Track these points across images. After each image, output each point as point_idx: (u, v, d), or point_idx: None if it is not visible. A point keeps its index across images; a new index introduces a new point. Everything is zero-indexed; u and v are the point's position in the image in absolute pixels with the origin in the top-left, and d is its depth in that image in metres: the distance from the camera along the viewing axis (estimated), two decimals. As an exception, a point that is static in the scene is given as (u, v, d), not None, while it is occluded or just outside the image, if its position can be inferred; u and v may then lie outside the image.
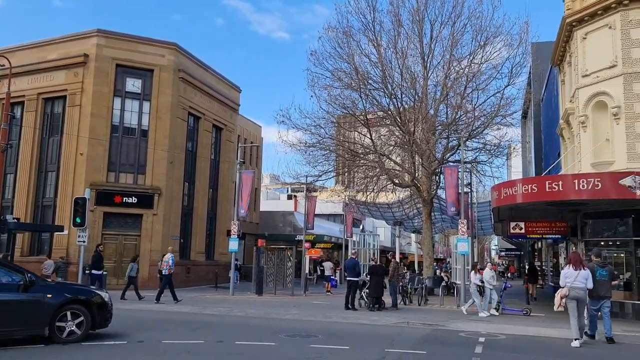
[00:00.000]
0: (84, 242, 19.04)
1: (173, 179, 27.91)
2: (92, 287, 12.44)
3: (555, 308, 12.15)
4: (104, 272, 21.23)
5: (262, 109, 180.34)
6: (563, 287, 11.82)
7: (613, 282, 12.89)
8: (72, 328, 9.96)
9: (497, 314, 17.46)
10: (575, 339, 11.44)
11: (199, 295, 21.91)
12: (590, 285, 11.78)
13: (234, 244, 24.90)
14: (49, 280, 13.89)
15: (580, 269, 11.77)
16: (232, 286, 24.61)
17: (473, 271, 18.67)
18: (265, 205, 44.90)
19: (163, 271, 19.61)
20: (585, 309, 12.22)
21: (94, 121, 26.29)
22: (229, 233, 27.03)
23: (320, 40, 33.37)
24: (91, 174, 25.92)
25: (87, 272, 19.72)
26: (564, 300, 11.74)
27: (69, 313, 9.96)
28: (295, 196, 52.83)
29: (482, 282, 18.05)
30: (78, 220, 18.68)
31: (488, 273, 18.21)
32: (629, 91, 17.48)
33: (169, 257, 19.58)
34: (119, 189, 26.53)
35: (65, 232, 24.04)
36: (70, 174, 26.18)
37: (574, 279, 11.69)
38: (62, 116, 27.53)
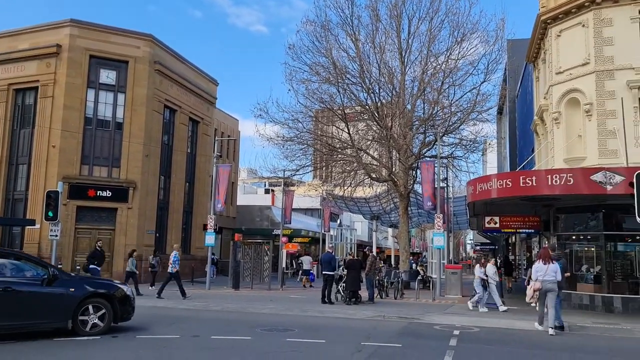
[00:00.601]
0: (56, 236, 18.67)
1: (148, 173, 27.55)
2: (117, 281, 12.50)
3: (527, 300, 12.95)
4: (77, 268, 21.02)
5: (240, 102, 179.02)
6: (535, 281, 12.47)
7: (565, 274, 13.83)
8: (95, 321, 10.20)
9: (486, 309, 16.92)
10: (540, 325, 12.54)
11: (174, 290, 21.68)
12: (559, 277, 12.48)
13: (210, 238, 24.73)
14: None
15: (549, 263, 12.48)
16: (209, 280, 24.47)
17: (478, 265, 18.33)
18: (242, 200, 44.69)
19: (169, 269, 19.68)
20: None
21: (66, 113, 25.76)
22: (205, 227, 26.83)
23: (299, 34, 33.56)
24: (64, 167, 25.42)
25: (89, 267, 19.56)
26: (536, 293, 12.43)
27: (91, 306, 10.18)
28: (272, 190, 52.72)
29: (487, 275, 17.54)
30: (50, 214, 18.30)
31: (491, 268, 17.78)
32: (601, 88, 17.84)
33: (173, 254, 19.69)
34: (92, 182, 26.07)
35: (37, 226, 23.52)
36: (43, 167, 25.63)
37: (545, 272, 12.37)
38: (34, 107, 26.90)
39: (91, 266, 19.37)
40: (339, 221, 48.42)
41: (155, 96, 28.11)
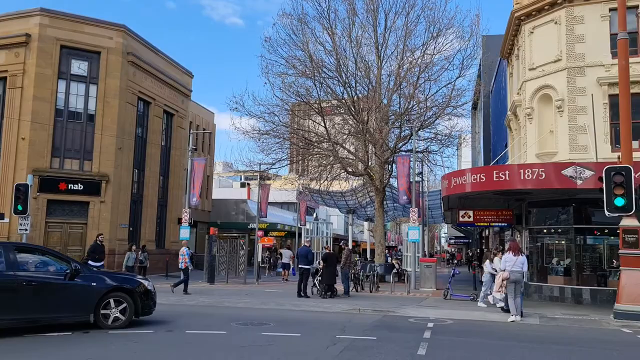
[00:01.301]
0: (26, 230, 18.26)
1: (122, 166, 27.12)
2: (139, 276, 12.42)
3: (496, 289, 13.75)
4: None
5: (215, 95, 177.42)
6: (504, 271, 13.21)
7: None
8: (116, 315, 10.40)
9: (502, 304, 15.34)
10: (513, 315, 13.03)
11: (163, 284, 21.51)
12: (525, 268, 13.32)
13: (185, 232, 24.50)
14: None
15: (519, 255, 13.23)
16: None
17: (487, 261, 17.36)
18: (217, 193, 44.36)
19: (179, 265, 19.90)
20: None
21: (36, 104, 25.15)
22: (180, 221, 26.59)
23: (275, 27, 33.36)
24: (34, 159, 24.86)
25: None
26: (504, 282, 13.17)
27: (112, 301, 10.39)
28: (248, 184, 52.49)
29: (496, 270, 16.13)
30: (19, 207, 17.88)
31: (498, 262, 16.40)
32: (572, 85, 18.19)
33: (184, 250, 19.92)
34: (63, 175, 25.55)
35: (6, 220, 22.96)
36: (12, 160, 24.99)
37: (514, 263, 13.09)
38: (2, 98, 26.17)
39: (89, 261, 18.41)
40: (315, 215, 48.44)
41: (128, 88, 27.64)
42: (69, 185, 25.46)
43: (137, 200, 29.35)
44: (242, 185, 56.47)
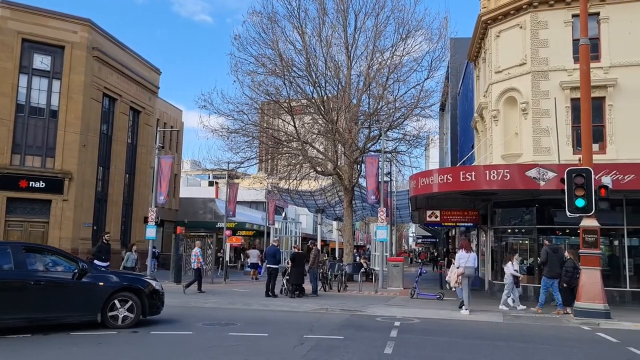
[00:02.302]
0: (-17, 229, 17.67)
1: (86, 163, 26.50)
2: (148, 276, 12.17)
3: (452, 284, 14.86)
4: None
5: (184, 92, 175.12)
6: (458, 267, 14.41)
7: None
8: (123, 315, 10.43)
9: (524, 307, 15.42)
10: (466, 309, 14.16)
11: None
12: (476, 264, 14.76)
13: (151, 231, 24.10)
14: None
15: (470, 252, 14.52)
16: (150, 274, 23.81)
17: (509, 262, 16.15)
18: (185, 192, 43.78)
19: (192, 264, 20.17)
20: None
21: (-4, 99, 24.34)
22: (146, 220, 26.11)
23: (245, 25, 33.34)
24: (-7, 156, 24.05)
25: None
26: (459, 277, 14.36)
27: (120, 300, 10.41)
28: (216, 183, 51.98)
29: (516, 271, 15.77)
30: (-23, 205, 17.28)
31: (516, 264, 16.19)
32: (536, 88, 18.62)
33: (197, 250, 20.25)
34: (24, 172, 24.83)
35: (-37, 218, 22.19)
36: (-31, 156, 24.14)
37: (467, 260, 14.29)
38: (-41, 92, 25.25)
39: (95, 261, 16.88)
40: (284, 214, 48.32)
41: (93, 84, 27.02)
42: (30, 183, 24.76)
43: (101, 198, 28.73)
44: (210, 184, 55.89)
